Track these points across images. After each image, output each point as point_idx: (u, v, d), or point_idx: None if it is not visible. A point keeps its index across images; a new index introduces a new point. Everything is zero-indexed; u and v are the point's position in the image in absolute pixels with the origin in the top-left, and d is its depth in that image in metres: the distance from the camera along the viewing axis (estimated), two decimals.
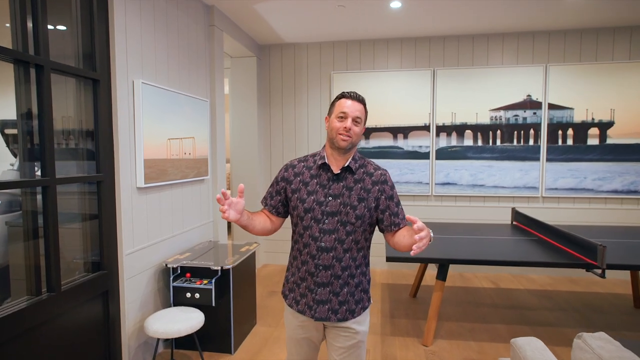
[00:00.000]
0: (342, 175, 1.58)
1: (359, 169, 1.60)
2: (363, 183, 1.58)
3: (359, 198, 1.55)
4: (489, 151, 4.55)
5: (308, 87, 4.87)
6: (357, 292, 1.60)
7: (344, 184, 1.57)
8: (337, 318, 1.57)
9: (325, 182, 1.58)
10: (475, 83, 4.51)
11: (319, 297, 1.57)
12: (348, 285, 1.58)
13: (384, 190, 1.59)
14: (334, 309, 1.57)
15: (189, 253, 3.05)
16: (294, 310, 1.65)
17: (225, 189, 1.47)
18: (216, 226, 3.72)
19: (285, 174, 1.66)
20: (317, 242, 1.55)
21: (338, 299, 1.57)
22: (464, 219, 4.64)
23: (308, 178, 1.61)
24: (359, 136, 1.57)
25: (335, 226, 1.55)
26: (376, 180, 1.59)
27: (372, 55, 4.73)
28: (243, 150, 4.86)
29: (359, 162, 1.62)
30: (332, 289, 1.56)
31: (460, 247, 3.02)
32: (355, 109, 1.54)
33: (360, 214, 1.54)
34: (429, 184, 4.68)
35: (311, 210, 1.56)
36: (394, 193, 1.62)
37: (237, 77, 4.83)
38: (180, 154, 3.06)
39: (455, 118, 4.58)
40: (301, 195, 1.59)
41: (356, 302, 1.60)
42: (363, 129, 1.60)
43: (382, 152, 4.75)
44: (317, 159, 1.63)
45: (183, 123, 3.10)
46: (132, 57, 2.52)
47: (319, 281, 1.57)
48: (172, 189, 3.02)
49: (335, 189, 1.56)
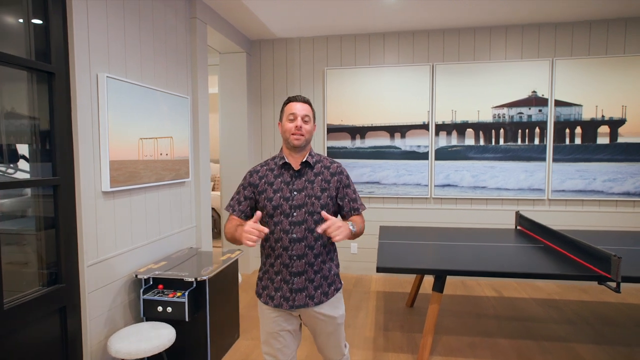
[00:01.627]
0: (303, 170, 1.74)
1: (316, 164, 1.77)
2: (322, 175, 1.75)
3: (321, 189, 1.72)
4: (491, 151, 4.29)
5: (301, 84, 4.64)
6: (330, 275, 1.76)
7: (305, 178, 1.73)
8: (314, 303, 1.70)
9: (289, 179, 1.73)
10: (477, 79, 4.25)
11: (296, 286, 1.69)
12: (322, 270, 1.72)
13: (341, 180, 1.78)
14: (310, 294, 1.70)
15: (165, 262, 2.82)
16: (269, 306, 1.74)
17: (255, 221, 1.54)
18: (199, 232, 3.49)
19: (250, 180, 1.79)
20: (288, 235, 1.67)
21: (313, 285, 1.70)
22: (465, 222, 4.38)
23: (272, 178, 1.75)
24: (310, 133, 1.75)
25: (304, 217, 1.68)
26: (333, 172, 1.78)
27: (368, 50, 4.48)
28: (233, 151, 4.63)
29: (315, 158, 1.79)
30: (307, 277, 1.69)
31: (459, 255, 2.77)
32: (302, 109, 1.73)
33: (324, 202, 1.71)
34: (427, 186, 4.42)
35: (279, 206, 1.69)
36: (350, 182, 1.82)
37: (226, 74, 4.61)
38: (155, 155, 2.83)
39: (455, 116, 4.33)
40: (268, 195, 1.72)
41: (329, 284, 1.75)
42: (314, 126, 1.79)
43: (379, 152, 4.51)
44: (278, 160, 1.78)
45: (159, 121, 2.88)
46: (95, 49, 2.30)
47: (294, 271, 1.69)
48: (146, 193, 2.79)
49: (299, 184, 1.71)
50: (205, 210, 3.58)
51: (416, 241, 3.19)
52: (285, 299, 1.70)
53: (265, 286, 1.75)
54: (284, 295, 1.70)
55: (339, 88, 4.51)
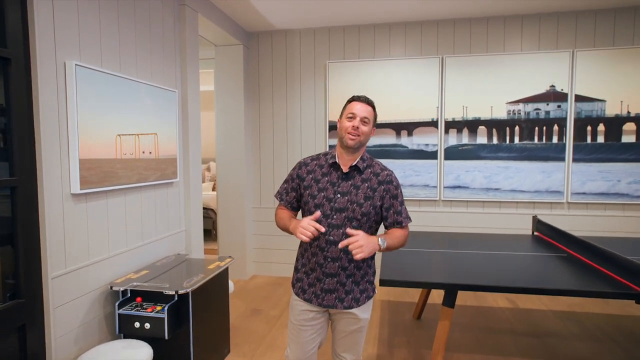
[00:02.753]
0: (351, 174, 1.71)
1: (366, 169, 1.72)
2: (370, 182, 1.70)
3: (365, 196, 1.68)
4: (505, 150, 3.98)
5: (301, 78, 4.37)
6: (362, 282, 1.75)
7: (352, 182, 1.70)
8: (343, 306, 1.72)
9: (335, 180, 1.71)
10: (490, 72, 3.95)
11: (327, 287, 1.71)
12: (354, 276, 1.71)
13: (389, 190, 1.71)
14: (341, 297, 1.71)
15: (147, 271, 2.56)
16: (300, 298, 1.79)
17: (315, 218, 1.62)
18: (189, 236, 3.24)
19: (299, 172, 1.80)
20: (326, 236, 1.68)
21: (344, 289, 1.71)
22: (477, 227, 4.08)
23: (320, 175, 1.74)
24: (367, 136, 1.69)
25: (343, 221, 1.67)
26: (382, 180, 1.71)
27: (373, 42, 4.19)
28: (229, 148, 4.37)
29: (366, 162, 1.74)
30: (339, 280, 1.70)
31: (471, 265, 2.47)
32: (363, 110, 1.68)
33: (366, 211, 1.67)
34: (436, 187, 4.13)
35: (321, 205, 1.69)
36: (398, 193, 1.74)
37: (222, 68, 4.35)
38: (136, 153, 2.57)
39: (466, 112, 4.03)
40: (312, 192, 1.72)
41: (361, 291, 1.75)
42: (372, 130, 1.72)
43: (384, 150, 4.22)
44: (329, 158, 1.76)
45: (140, 116, 2.62)
46: (62, 33, 2.04)
47: (326, 272, 1.71)
48: (126, 195, 2.54)
49: (344, 187, 1.69)
50: (196, 213, 3.32)
51: (423, 249, 2.90)
52: (315, 295, 1.74)
53: (300, 279, 1.81)
54: (315, 292, 1.74)
55: (342, 83, 4.23)
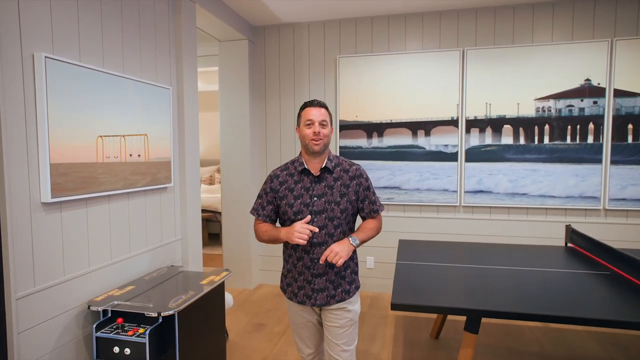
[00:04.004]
0: (322, 176, 1.78)
1: (335, 168, 1.80)
2: (342, 180, 1.78)
3: (340, 194, 1.76)
4: (534, 151, 3.62)
5: (310, 75, 4.08)
6: (347, 275, 1.82)
7: (325, 183, 1.77)
8: (335, 301, 1.78)
9: (309, 185, 1.77)
10: (517, 66, 3.59)
11: (317, 286, 1.77)
12: (341, 271, 1.79)
13: (360, 183, 1.80)
14: (331, 294, 1.77)
15: (133, 286, 2.32)
16: (293, 302, 1.85)
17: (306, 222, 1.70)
18: (185, 245, 2.99)
19: (271, 185, 1.83)
20: (310, 239, 1.73)
21: (333, 285, 1.78)
22: (501, 235, 3.72)
23: (292, 184, 1.79)
24: (328, 137, 1.76)
25: (324, 222, 1.74)
26: (353, 175, 1.80)
27: (387, 35, 3.88)
28: (233, 150, 4.12)
29: (334, 162, 1.81)
30: (328, 277, 1.77)
31: (496, 285, 2.14)
32: (319, 114, 1.74)
33: (344, 207, 1.76)
34: (456, 192, 3.79)
35: (300, 212, 1.75)
36: (369, 184, 1.84)
37: (226, 65, 4.10)
38: (121, 156, 2.33)
39: (490, 110, 3.68)
40: (289, 201, 1.77)
41: (349, 283, 1.82)
42: (331, 129, 1.79)
43: (398, 152, 3.90)
44: (297, 165, 1.81)
45: (127, 116, 2.38)
46: (30, 22, 1.81)
47: (315, 272, 1.77)
48: (110, 202, 2.30)
49: (318, 189, 1.76)
50: (194, 220, 3.07)
51: (442, 262, 2.58)
52: (307, 296, 1.79)
53: (289, 284, 1.85)
54: (306, 294, 1.79)
55: (354, 79, 3.93)
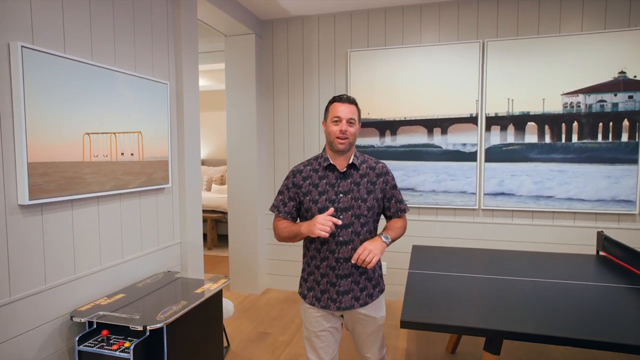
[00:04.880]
0: (348, 172, 1.73)
1: (362, 164, 1.75)
2: (368, 176, 1.74)
3: (367, 191, 1.72)
4: (560, 150, 3.34)
5: (319, 70, 3.89)
6: (374, 277, 1.77)
7: (351, 180, 1.72)
8: (359, 304, 1.72)
9: (334, 181, 1.72)
10: (542, 58, 3.31)
11: (342, 289, 1.71)
12: (366, 272, 1.73)
13: (387, 181, 1.77)
14: (356, 296, 1.72)
15: (123, 294, 2.16)
16: (315, 307, 1.76)
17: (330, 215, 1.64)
18: (184, 250, 2.83)
19: (294, 180, 1.77)
20: (335, 238, 1.68)
21: (359, 287, 1.72)
22: (524, 241, 3.45)
23: (317, 180, 1.73)
24: (355, 136, 1.71)
25: (350, 220, 1.68)
26: (379, 173, 1.76)
27: (401, 27, 3.65)
28: (241, 149, 3.96)
29: (360, 158, 1.76)
30: (354, 279, 1.71)
31: (519, 300, 1.91)
32: (347, 111, 1.67)
33: (371, 205, 1.71)
34: (475, 194, 3.53)
35: (325, 208, 1.68)
36: (395, 182, 1.81)
37: (232, 60, 3.94)
38: (112, 155, 2.18)
39: (512, 106, 3.41)
40: (313, 197, 1.71)
41: (373, 286, 1.77)
42: (359, 127, 1.74)
43: (413, 151, 3.66)
44: (322, 161, 1.75)
45: (119, 112, 2.23)
46: (5, 7, 1.66)
47: (340, 273, 1.70)
48: (99, 204, 2.15)
49: (344, 186, 1.71)
50: (194, 222, 2.91)
51: (458, 272, 2.35)
52: (332, 300, 1.72)
53: (311, 287, 1.77)
54: (330, 297, 1.72)
55: (365, 74, 3.72)
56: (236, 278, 4.07)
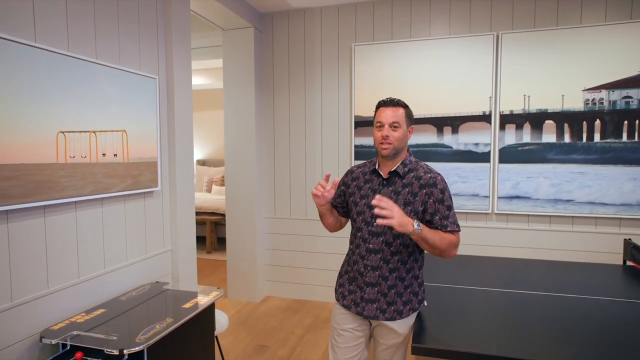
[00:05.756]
0: (392, 179, 1.65)
1: (408, 173, 1.64)
2: (411, 187, 1.61)
3: (405, 202, 1.59)
4: (581, 151, 3.10)
5: (322, 66, 3.67)
6: (405, 293, 1.64)
7: (392, 188, 1.63)
8: (385, 317, 1.63)
9: (377, 187, 1.66)
10: (562, 51, 3.08)
11: (368, 296, 1.64)
12: (396, 287, 1.62)
13: (431, 194, 1.58)
14: (382, 308, 1.63)
15: (103, 310, 1.96)
16: (339, 304, 1.75)
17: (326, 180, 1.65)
18: (176, 257, 2.63)
19: (345, 179, 1.79)
20: (366, 244, 1.64)
21: (386, 299, 1.62)
22: (541, 247, 3.22)
23: (362, 182, 1.71)
24: (400, 141, 1.61)
25: (383, 229, 1.61)
26: (424, 184, 1.59)
27: (409, 19, 3.43)
28: (239, 149, 3.75)
29: (409, 167, 1.65)
30: (380, 289, 1.62)
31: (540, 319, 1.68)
32: (391, 115, 1.60)
33: None
34: (488, 198, 3.30)
35: (362, 212, 1.66)
36: (444, 197, 1.58)
37: (230, 56, 3.74)
38: (91, 156, 1.98)
39: (529, 103, 3.18)
40: (355, 199, 1.71)
41: (404, 303, 1.63)
42: (406, 131, 1.63)
43: (421, 152, 3.44)
44: (371, 165, 1.73)
45: (100, 108, 2.03)
46: None
47: (367, 281, 1.64)
48: (77, 210, 1.95)
49: (385, 193, 1.62)
50: (186, 228, 2.71)
51: (471, 285, 2.13)
52: (355, 303, 1.68)
53: (342, 284, 1.76)
54: (354, 300, 1.69)
55: (370, 70, 3.50)
56: (234, 285, 3.87)
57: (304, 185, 3.77)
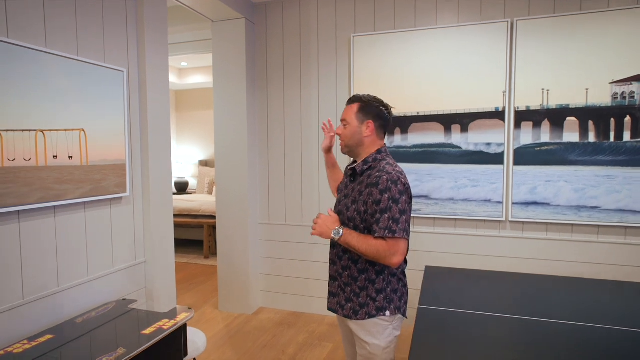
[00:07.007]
0: (355, 176, 1.64)
1: (366, 171, 1.59)
2: (361, 185, 1.57)
3: (353, 200, 1.58)
4: (608, 151, 2.75)
5: (319, 58, 3.38)
6: (362, 295, 1.58)
7: (352, 185, 1.63)
8: (343, 313, 1.63)
9: (348, 182, 1.69)
10: (586, 39, 2.73)
11: (331, 289, 1.70)
12: (351, 285, 1.61)
13: (371, 194, 1.50)
14: (341, 303, 1.64)
15: (50, 336, 1.70)
16: None
17: None
18: (151, 270, 2.37)
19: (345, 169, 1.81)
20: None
21: (344, 295, 1.63)
22: (561, 259, 2.87)
23: (345, 177, 1.76)
24: (350, 138, 1.61)
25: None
26: (369, 183, 1.53)
27: (413, 6, 3.12)
28: (229, 150, 3.49)
29: (370, 164, 1.60)
30: (339, 284, 1.65)
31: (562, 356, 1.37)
32: (344, 112, 1.64)
33: (351, 216, 1.56)
34: (502, 204, 2.97)
35: (335, 205, 1.71)
36: (382, 198, 1.47)
37: (220, 49, 3.47)
38: (38, 158, 1.73)
39: (548, 98, 2.84)
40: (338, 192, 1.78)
41: (360, 304, 1.59)
42: (358, 127, 1.60)
43: (427, 153, 3.12)
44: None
45: (51, 104, 1.77)
46: None
47: (331, 274, 1.71)
48: (20, 221, 1.70)
49: (349, 189, 1.64)
50: (163, 237, 2.45)
51: (481, 310, 1.81)
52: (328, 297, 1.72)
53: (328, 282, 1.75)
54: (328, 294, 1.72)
55: (371, 62, 3.20)
56: (225, 296, 3.60)
57: (299, 189, 3.49)
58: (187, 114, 7.51)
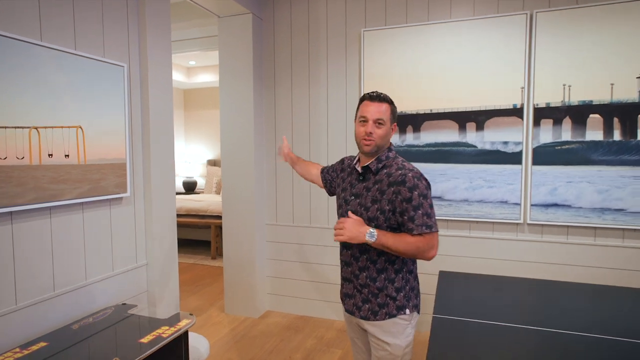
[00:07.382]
0: (366, 175, 1.61)
1: (381, 170, 1.58)
2: (380, 184, 1.55)
3: (372, 199, 1.54)
4: (635, 150, 2.59)
5: (328, 55, 3.27)
6: (380, 295, 1.57)
7: (365, 184, 1.60)
8: (360, 315, 1.61)
9: (354, 181, 1.65)
10: (611, 31, 2.57)
11: (345, 291, 1.67)
12: (369, 286, 1.58)
13: (399, 192, 1.48)
14: (358, 305, 1.61)
15: (44, 343, 1.62)
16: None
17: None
18: (152, 273, 2.28)
19: (341, 165, 1.83)
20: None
21: (361, 296, 1.60)
22: (583, 265, 2.72)
23: (346, 175, 1.72)
24: (383, 138, 1.56)
25: None
26: (393, 181, 1.51)
27: (426, 0, 2.99)
28: (236, 149, 3.40)
29: (384, 162, 1.59)
30: (355, 285, 1.62)
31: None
32: (376, 110, 1.54)
33: (373, 216, 1.53)
34: (519, 205, 2.83)
35: (340, 207, 1.68)
36: (412, 196, 1.47)
37: (226, 46, 3.38)
38: (32, 157, 1.65)
39: (569, 94, 2.69)
40: (338, 191, 1.74)
41: (379, 305, 1.57)
42: (389, 129, 1.58)
43: (441, 152, 2.99)
44: (353, 158, 1.72)
45: (46, 100, 1.69)
46: None
47: (344, 275, 1.67)
48: (13, 222, 1.62)
49: (358, 189, 1.61)
50: (166, 239, 2.36)
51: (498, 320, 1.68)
52: (342, 298, 1.70)
53: (341, 284, 1.73)
54: (342, 296, 1.70)
55: (382, 58, 3.08)
56: (232, 299, 3.51)
57: (308, 190, 3.38)
58: (196, 113, 7.46)
